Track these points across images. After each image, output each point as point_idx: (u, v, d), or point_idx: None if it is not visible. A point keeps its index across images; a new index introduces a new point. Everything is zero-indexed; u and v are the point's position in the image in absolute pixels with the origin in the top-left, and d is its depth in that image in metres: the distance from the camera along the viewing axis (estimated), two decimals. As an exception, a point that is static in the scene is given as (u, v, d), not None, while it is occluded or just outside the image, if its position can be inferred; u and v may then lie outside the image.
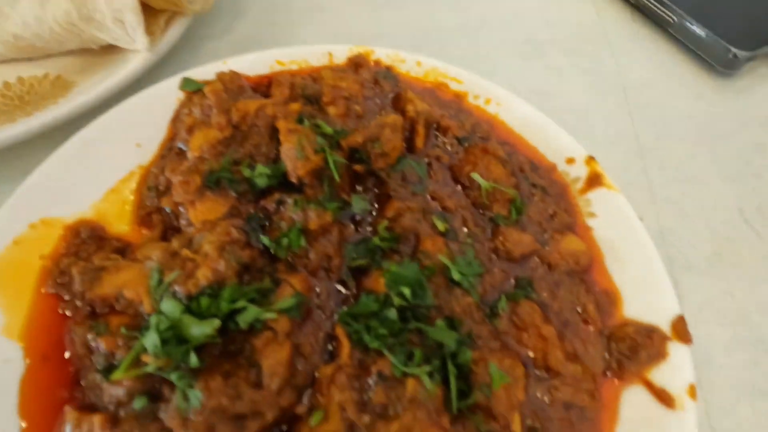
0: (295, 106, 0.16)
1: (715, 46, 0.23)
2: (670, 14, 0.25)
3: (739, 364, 0.16)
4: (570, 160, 0.17)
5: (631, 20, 0.27)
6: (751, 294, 0.17)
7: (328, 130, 0.15)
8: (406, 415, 0.11)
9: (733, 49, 0.23)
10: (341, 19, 0.24)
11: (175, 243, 0.14)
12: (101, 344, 0.13)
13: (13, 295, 0.13)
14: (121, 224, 0.15)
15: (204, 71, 0.18)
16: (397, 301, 0.13)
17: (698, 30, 0.24)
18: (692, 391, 0.12)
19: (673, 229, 0.19)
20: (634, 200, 0.17)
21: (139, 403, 0.12)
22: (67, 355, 0.13)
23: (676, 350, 0.13)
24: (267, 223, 0.14)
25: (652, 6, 0.25)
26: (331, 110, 0.16)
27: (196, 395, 0.11)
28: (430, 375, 0.12)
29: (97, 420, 0.12)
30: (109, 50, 0.20)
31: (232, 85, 0.17)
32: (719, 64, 0.24)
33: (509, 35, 0.26)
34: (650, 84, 0.24)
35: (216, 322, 0.12)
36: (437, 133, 0.18)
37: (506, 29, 0.26)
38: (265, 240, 0.14)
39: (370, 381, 0.12)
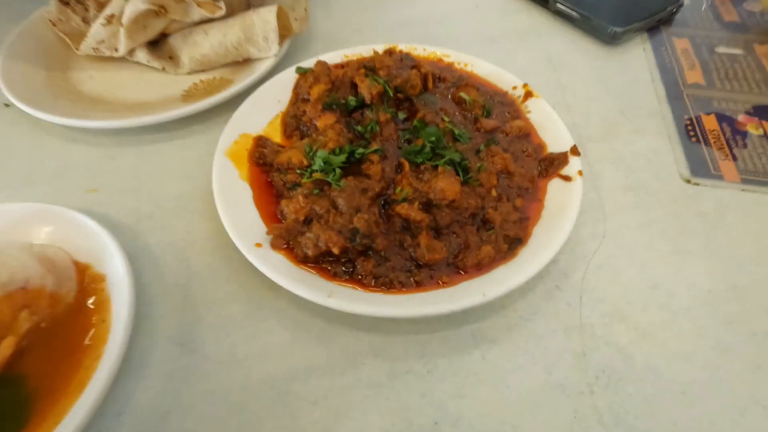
0: (362, 71, 0.29)
1: (601, 26, 0.37)
2: (575, 12, 0.39)
3: (621, 175, 0.28)
4: (515, 87, 0.31)
5: (553, 19, 0.41)
6: (629, 148, 0.29)
7: (381, 79, 0.28)
8: (441, 177, 0.23)
9: (612, 27, 0.37)
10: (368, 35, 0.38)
11: (312, 137, 0.27)
12: (288, 178, 0.25)
13: (239, 164, 0.26)
14: (277, 137, 0.28)
15: (306, 63, 0.32)
16: (428, 144, 0.25)
17: (590, 17, 0.38)
18: (579, 173, 0.25)
19: (580, 123, 0.31)
20: (555, 108, 0.30)
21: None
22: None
23: (573, 160, 0.25)
24: (358, 123, 0.27)
25: (563, 7, 0.39)
26: (381, 74, 0.30)
27: (342, 184, 0.23)
28: (452, 167, 0.24)
29: (299, 195, 0.24)
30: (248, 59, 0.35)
31: (324, 67, 0.31)
32: (605, 38, 0.37)
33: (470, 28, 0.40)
34: (566, 54, 0.38)
35: (343, 156, 0.24)
36: (439, 83, 0.31)
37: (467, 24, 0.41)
38: (358, 128, 0.26)
39: (421, 174, 0.24)
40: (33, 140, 0.32)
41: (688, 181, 0.29)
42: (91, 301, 0.22)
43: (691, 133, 0.30)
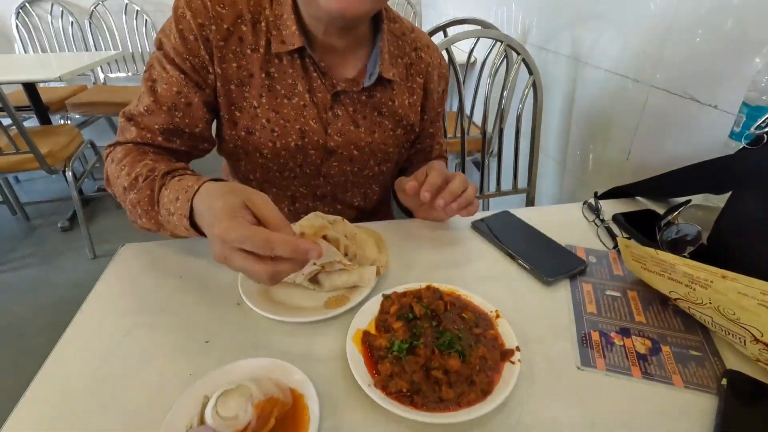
0: (415, 300, 0.59)
1: (540, 275, 0.66)
2: (527, 265, 0.69)
3: (545, 362, 0.54)
4: (491, 311, 0.57)
5: (517, 267, 0.71)
6: (551, 347, 0.56)
7: (424, 305, 0.57)
8: (452, 358, 0.48)
9: (546, 277, 0.67)
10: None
11: (391, 334, 0.54)
12: (379, 354, 0.52)
13: (357, 343, 0.53)
14: (373, 331, 0.56)
15: (387, 291, 0.61)
16: (447, 341, 0.51)
17: (535, 269, 0.68)
18: (519, 360, 0.50)
19: (524, 331, 0.58)
20: (511, 323, 0.57)
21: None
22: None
23: (517, 353, 0.51)
24: (414, 327, 0.55)
25: (521, 262, 0.70)
26: (424, 301, 0.59)
27: (406, 357, 0.49)
28: (458, 353, 0.50)
29: (386, 362, 0.49)
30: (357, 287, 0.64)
31: (396, 295, 0.60)
32: (544, 281, 0.66)
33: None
34: (521, 288, 0.63)
35: (407, 344, 0.51)
36: (452, 306, 0.60)
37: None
38: (414, 330, 0.54)
39: (444, 356, 0.50)
40: (251, 325, 0.52)
41: (579, 368, 0.53)
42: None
43: (585, 342, 0.57)
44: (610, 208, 0.85)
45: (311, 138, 0.66)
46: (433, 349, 0.47)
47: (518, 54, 1.34)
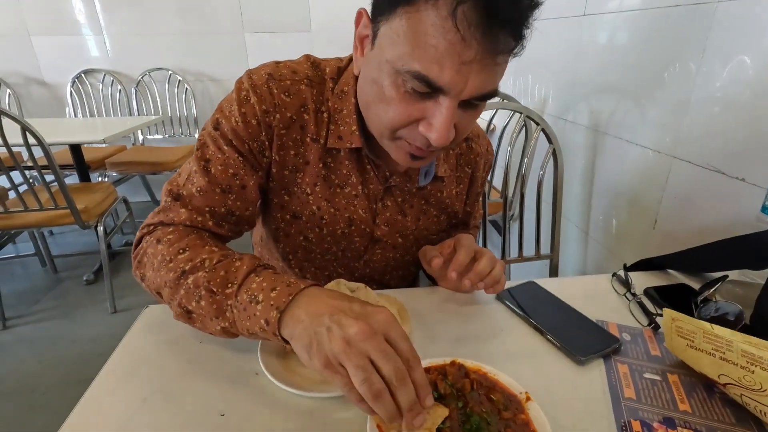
0: (439, 376, 0.56)
1: (572, 354, 0.63)
2: (557, 342, 0.66)
3: None
4: (520, 393, 0.54)
5: (546, 342, 0.68)
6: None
7: (449, 383, 0.54)
8: None
9: (578, 356, 0.63)
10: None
11: None
12: None
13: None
14: None
15: None
16: (474, 426, 0.48)
17: (566, 347, 0.65)
18: None
19: (557, 417, 0.53)
20: (543, 407, 0.53)
21: None
22: None
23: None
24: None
25: (551, 338, 0.67)
26: (449, 378, 0.56)
27: None
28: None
29: None
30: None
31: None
32: (575, 361, 0.63)
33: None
34: (552, 366, 0.60)
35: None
36: (479, 386, 0.56)
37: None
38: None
39: None
40: (268, 397, 0.50)
41: (621, 462, 0.49)
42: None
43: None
44: (639, 280, 0.82)
45: (358, 226, 0.66)
46: (460, 433, 0.44)
47: (537, 124, 1.38)
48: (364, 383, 0.36)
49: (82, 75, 3.26)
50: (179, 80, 3.25)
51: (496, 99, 1.80)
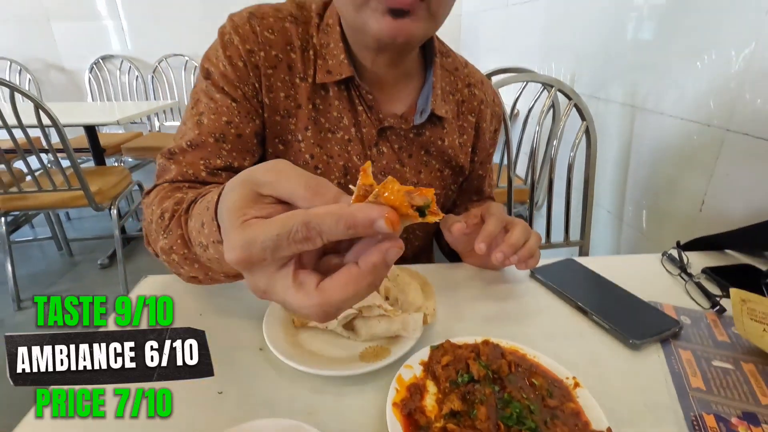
0: (472, 354, 0.48)
1: (624, 337, 0.54)
2: (605, 324, 0.57)
3: None
4: (567, 378, 0.46)
5: (592, 325, 0.59)
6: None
7: (484, 363, 0.47)
8: None
9: (632, 339, 0.54)
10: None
11: (439, 398, 0.44)
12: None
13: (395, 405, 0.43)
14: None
15: (435, 343, 0.51)
16: (515, 414, 0.41)
17: (616, 329, 0.56)
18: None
19: (613, 409, 0.44)
20: (594, 395, 0.45)
21: None
22: None
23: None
24: (468, 393, 0.44)
25: (597, 319, 0.58)
26: (483, 359, 0.48)
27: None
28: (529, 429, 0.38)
29: None
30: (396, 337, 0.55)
31: (450, 344, 0.50)
32: (628, 345, 0.54)
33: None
34: (601, 353, 0.51)
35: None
36: (518, 368, 0.48)
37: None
38: (468, 397, 0.43)
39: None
40: (273, 375, 0.46)
41: (696, 465, 0.40)
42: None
43: (696, 428, 0.43)
44: (694, 261, 0.72)
45: (354, 176, 0.61)
46: (498, 424, 0.36)
47: (570, 99, 1.28)
48: (300, 314, 0.29)
49: (101, 61, 3.26)
50: (195, 66, 3.22)
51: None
